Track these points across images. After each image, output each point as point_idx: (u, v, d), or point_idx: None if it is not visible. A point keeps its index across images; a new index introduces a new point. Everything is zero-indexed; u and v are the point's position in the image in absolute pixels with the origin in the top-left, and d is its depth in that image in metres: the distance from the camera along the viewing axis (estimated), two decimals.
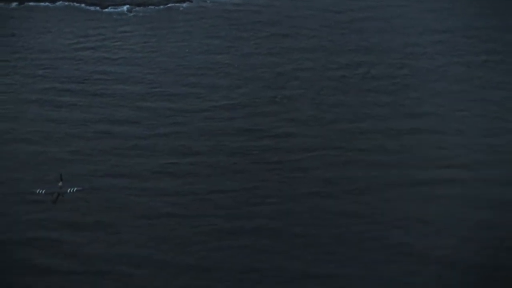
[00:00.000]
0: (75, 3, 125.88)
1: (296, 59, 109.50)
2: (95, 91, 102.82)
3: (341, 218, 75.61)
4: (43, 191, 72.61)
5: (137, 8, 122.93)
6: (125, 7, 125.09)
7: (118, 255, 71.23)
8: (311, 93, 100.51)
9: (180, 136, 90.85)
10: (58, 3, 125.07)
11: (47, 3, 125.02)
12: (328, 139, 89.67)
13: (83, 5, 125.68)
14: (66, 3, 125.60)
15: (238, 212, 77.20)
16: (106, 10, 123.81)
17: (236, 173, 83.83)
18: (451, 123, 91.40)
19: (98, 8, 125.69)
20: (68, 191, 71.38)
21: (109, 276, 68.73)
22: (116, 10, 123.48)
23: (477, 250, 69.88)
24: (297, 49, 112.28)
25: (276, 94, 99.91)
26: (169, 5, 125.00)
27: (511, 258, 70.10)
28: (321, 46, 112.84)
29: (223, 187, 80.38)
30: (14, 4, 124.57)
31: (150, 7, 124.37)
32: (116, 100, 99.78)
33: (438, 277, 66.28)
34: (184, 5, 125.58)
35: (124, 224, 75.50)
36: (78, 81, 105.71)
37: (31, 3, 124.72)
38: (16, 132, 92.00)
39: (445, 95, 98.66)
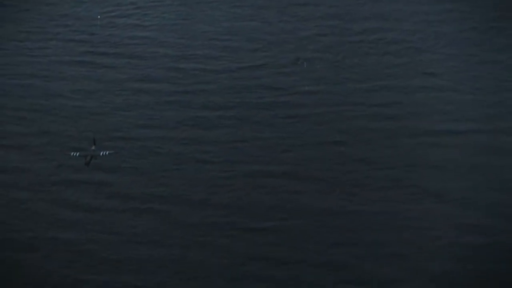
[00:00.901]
0: None
1: (316, 25, 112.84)
2: (129, 54, 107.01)
3: (358, 164, 79.37)
4: (78, 154, 75.78)
5: None
6: None
7: (156, 196, 74.73)
8: (331, 56, 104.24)
9: (209, 93, 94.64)
10: None
11: None
12: (347, 96, 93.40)
13: None
14: None
15: (265, 159, 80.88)
16: None
17: (262, 125, 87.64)
18: (462, 81, 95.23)
19: None
20: (101, 154, 74.53)
21: (148, 212, 72.31)
22: None
23: (491, 191, 72.44)
24: (317, 17, 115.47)
25: (298, 56, 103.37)
26: None
27: None
28: (338, 14, 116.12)
29: (250, 137, 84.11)
30: None
31: None
32: (150, 62, 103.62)
33: None
34: None
35: (159, 169, 79.14)
36: (113, 46, 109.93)
37: None
38: (57, 89, 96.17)
39: (456, 57, 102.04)
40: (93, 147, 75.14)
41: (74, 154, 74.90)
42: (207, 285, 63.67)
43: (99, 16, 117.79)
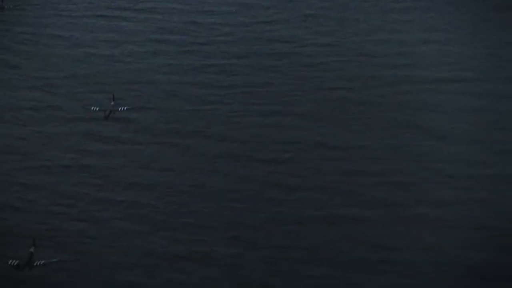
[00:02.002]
0: None
1: None
2: (148, 9, 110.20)
3: (363, 106, 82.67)
4: (97, 108, 79.05)
5: None
6: None
7: (176, 131, 78.91)
8: (335, 13, 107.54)
9: (225, 44, 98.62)
10: None
11: None
12: (351, 47, 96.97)
13: None
14: None
15: (277, 101, 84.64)
16: None
17: (272, 72, 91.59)
18: (457, 37, 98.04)
19: None
20: (119, 109, 77.80)
21: (170, 145, 76.54)
22: None
23: (495, 131, 76.87)
24: None
25: (305, 14, 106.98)
26: None
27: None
28: None
29: (261, 81, 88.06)
30: None
31: None
32: (169, 17, 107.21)
33: None
34: None
35: (179, 109, 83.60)
36: (133, 2, 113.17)
37: None
38: (79, 39, 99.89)
39: (453, 17, 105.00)
40: (112, 103, 78.29)
41: (94, 108, 78.09)
42: (228, 206, 67.11)
43: None
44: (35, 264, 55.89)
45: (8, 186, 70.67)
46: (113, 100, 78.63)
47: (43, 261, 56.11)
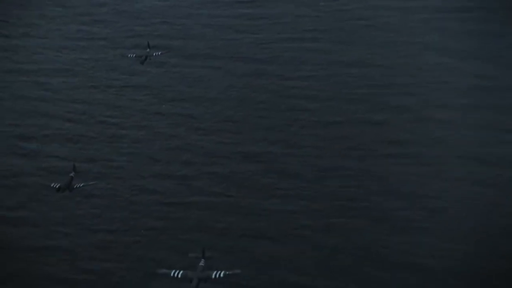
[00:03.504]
0: None
1: None
2: None
3: (363, 67, 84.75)
4: (134, 55, 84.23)
5: None
6: None
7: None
8: None
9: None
10: None
11: None
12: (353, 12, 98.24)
13: None
14: None
15: (301, 31, 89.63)
16: None
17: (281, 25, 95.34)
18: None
19: None
20: (154, 54, 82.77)
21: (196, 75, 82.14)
22: None
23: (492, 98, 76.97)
24: None
25: None
26: None
27: None
28: None
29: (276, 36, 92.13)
30: None
31: None
32: None
33: None
34: None
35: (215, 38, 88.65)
36: None
37: None
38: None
39: None
40: (147, 50, 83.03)
41: (131, 55, 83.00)
42: (255, 109, 73.66)
43: None
44: (74, 187, 60.18)
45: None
46: (149, 47, 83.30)
47: (81, 184, 60.39)
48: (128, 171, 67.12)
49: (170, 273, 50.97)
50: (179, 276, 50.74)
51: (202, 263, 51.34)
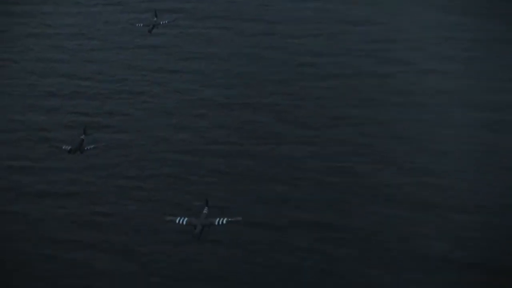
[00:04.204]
0: None
1: None
2: None
3: (368, 25, 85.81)
4: (142, 25, 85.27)
5: None
6: None
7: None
8: None
9: None
10: None
11: None
12: None
13: None
14: None
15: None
16: None
17: None
18: None
19: None
20: (161, 23, 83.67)
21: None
22: None
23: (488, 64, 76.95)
24: None
25: None
26: None
27: None
28: None
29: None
30: None
31: None
32: None
33: None
34: None
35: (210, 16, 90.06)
36: None
37: None
38: None
39: None
40: (155, 19, 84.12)
41: (139, 25, 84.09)
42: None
43: None
44: (85, 149, 60.67)
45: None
46: (156, 16, 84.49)
47: (92, 146, 61.17)
48: (145, 124, 68.79)
49: (176, 220, 51.64)
50: (184, 223, 51.33)
51: (205, 210, 52.14)
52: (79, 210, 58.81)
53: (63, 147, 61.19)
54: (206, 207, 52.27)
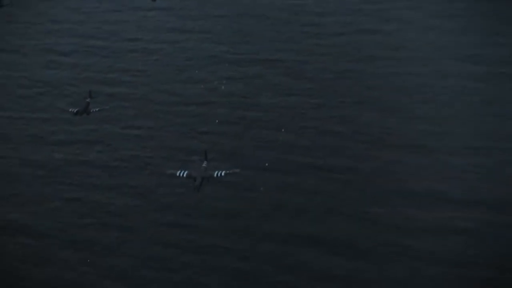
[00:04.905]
0: None
1: None
2: None
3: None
4: None
5: None
6: None
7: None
8: None
9: None
10: None
11: None
12: None
13: None
14: None
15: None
16: None
17: None
18: None
19: None
20: None
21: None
22: None
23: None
24: None
25: None
26: None
27: None
28: None
29: None
30: None
31: None
32: None
33: None
34: None
35: None
36: None
37: None
38: None
39: None
40: None
41: None
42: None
43: None
44: (91, 111, 62.50)
45: None
46: None
47: (97, 108, 62.84)
48: (158, 79, 71.22)
49: (176, 173, 52.33)
50: (185, 175, 52.06)
51: (205, 164, 52.76)
52: (102, 155, 61.34)
53: (70, 110, 62.96)
54: (205, 161, 53.34)
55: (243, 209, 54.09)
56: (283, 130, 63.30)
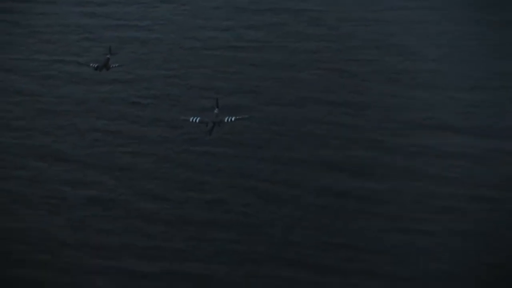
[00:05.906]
0: None
1: None
2: None
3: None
4: None
5: None
6: None
7: None
8: None
9: None
10: None
11: None
12: None
13: None
14: None
15: None
16: None
17: None
18: None
19: None
20: None
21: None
22: None
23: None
24: None
25: None
26: None
27: None
28: None
29: None
30: None
31: None
32: None
33: None
34: None
35: None
36: None
37: None
38: None
39: None
40: None
41: None
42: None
43: None
44: (111, 66, 63.02)
45: None
46: None
47: (116, 64, 63.12)
48: (179, 26, 73.94)
49: (189, 119, 53.58)
50: (197, 121, 53.14)
51: (216, 111, 53.60)
52: (125, 93, 64.40)
53: (91, 65, 63.41)
54: (217, 108, 54.28)
55: (270, 139, 57.31)
56: (297, 69, 66.35)
